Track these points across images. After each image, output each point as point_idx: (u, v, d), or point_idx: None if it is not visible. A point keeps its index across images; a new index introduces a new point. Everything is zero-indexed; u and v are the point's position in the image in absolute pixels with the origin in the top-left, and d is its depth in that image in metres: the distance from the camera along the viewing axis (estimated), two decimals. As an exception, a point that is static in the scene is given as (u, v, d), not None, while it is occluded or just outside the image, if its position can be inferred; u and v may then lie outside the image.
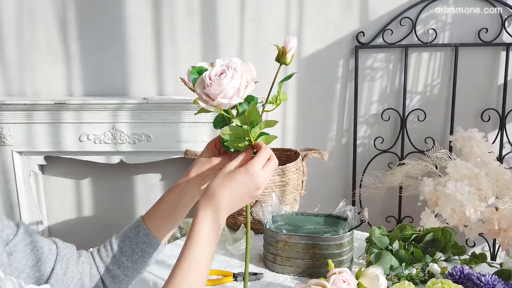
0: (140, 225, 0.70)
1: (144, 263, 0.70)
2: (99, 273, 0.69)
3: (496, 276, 0.75)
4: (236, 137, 0.62)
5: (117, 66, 1.65)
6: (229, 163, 0.62)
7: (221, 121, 0.66)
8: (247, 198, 0.62)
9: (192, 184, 0.68)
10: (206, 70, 0.62)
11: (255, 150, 0.63)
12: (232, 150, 0.66)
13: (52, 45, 1.64)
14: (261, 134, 0.64)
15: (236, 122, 0.61)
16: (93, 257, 0.71)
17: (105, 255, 0.70)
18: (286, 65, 0.68)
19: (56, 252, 0.66)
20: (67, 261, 0.66)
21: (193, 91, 0.63)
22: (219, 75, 0.59)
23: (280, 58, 0.67)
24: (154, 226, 0.70)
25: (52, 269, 0.64)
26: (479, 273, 0.77)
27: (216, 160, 0.67)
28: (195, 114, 0.66)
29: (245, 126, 0.61)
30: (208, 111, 0.60)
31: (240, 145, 0.63)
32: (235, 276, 0.90)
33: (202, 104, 0.59)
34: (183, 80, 0.64)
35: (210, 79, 0.58)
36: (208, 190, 0.61)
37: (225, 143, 0.65)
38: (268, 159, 0.63)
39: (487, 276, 0.75)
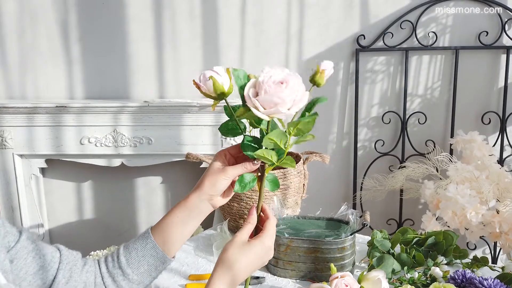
0: (148, 237, 0.69)
1: (150, 276, 0.70)
2: (104, 283, 0.68)
3: (498, 280, 0.75)
4: (271, 147, 0.61)
5: (118, 69, 1.65)
6: (243, 231, 0.64)
7: (230, 129, 0.64)
8: (260, 265, 0.65)
9: (206, 196, 0.67)
10: (248, 75, 0.60)
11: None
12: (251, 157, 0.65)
13: (53, 48, 1.64)
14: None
15: (272, 134, 0.59)
16: (99, 266, 0.70)
17: (111, 266, 0.69)
18: (319, 86, 0.66)
19: (59, 260, 0.65)
20: (70, 270, 0.66)
21: (208, 96, 0.62)
22: (279, 83, 0.57)
23: (316, 78, 0.65)
24: (163, 240, 0.69)
25: (54, 277, 0.64)
26: (481, 277, 0.77)
27: (231, 170, 0.66)
28: (235, 118, 0.62)
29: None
30: (250, 117, 0.59)
31: (269, 157, 0.62)
32: None
33: (254, 111, 0.57)
34: (196, 83, 0.62)
35: (268, 86, 0.56)
36: (224, 260, 0.62)
37: (252, 153, 0.62)
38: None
39: (489, 280, 0.75)
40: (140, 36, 1.63)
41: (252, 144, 0.63)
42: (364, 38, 1.58)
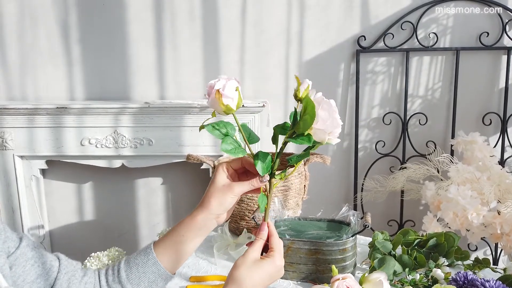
0: (150, 253, 0.68)
1: None
2: None
3: (501, 282, 0.75)
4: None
5: (118, 70, 1.65)
6: (254, 248, 0.63)
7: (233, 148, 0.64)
8: (270, 283, 0.64)
9: (213, 216, 0.66)
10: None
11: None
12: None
13: (53, 49, 1.64)
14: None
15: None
16: (99, 279, 0.69)
17: (111, 279, 0.68)
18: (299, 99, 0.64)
19: (58, 270, 0.65)
20: (69, 280, 0.65)
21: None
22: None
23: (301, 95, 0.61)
24: (165, 257, 0.68)
25: (52, 286, 0.63)
26: (483, 278, 0.76)
27: (238, 187, 0.65)
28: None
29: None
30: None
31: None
32: None
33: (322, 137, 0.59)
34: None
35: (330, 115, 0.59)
36: (235, 277, 0.61)
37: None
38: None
39: (491, 281, 0.75)
40: (141, 36, 1.63)
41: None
42: (365, 39, 1.58)
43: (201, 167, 1.65)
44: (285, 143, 0.62)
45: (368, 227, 0.92)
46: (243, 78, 1.64)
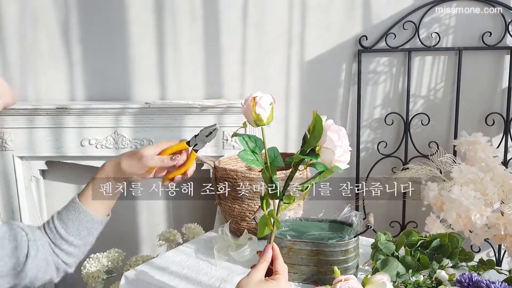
0: (79, 207, 0.75)
1: (93, 236, 0.77)
2: (54, 252, 0.75)
3: (506, 284, 0.73)
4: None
5: (119, 70, 1.65)
6: (258, 269, 0.65)
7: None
8: None
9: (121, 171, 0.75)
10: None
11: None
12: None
13: (54, 50, 1.64)
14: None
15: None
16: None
17: (53, 237, 0.75)
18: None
19: (27, 238, 0.72)
20: (36, 243, 0.73)
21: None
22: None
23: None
24: (93, 208, 0.76)
25: (27, 254, 0.70)
26: (488, 280, 0.75)
27: (149, 160, 0.75)
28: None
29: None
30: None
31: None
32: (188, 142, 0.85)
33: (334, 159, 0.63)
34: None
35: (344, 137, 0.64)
36: None
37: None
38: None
39: (496, 283, 0.73)
40: (141, 37, 1.62)
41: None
42: (367, 39, 1.57)
43: (202, 168, 1.64)
44: (295, 167, 0.67)
45: (370, 227, 0.91)
46: (244, 79, 1.63)
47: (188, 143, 0.81)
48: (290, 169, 0.69)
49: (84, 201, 0.76)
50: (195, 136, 0.81)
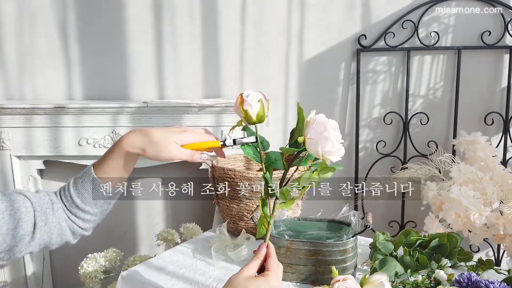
0: (95, 180, 0.74)
1: (109, 205, 0.78)
2: (70, 218, 0.75)
3: (505, 284, 0.73)
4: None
5: (117, 69, 1.64)
6: (250, 266, 0.65)
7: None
8: None
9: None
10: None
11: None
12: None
13: (52, 49, 1.63)
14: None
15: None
16: (63, 202, 0.76)
17: (68, 205, 0.74)
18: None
19: (33, 209, 0.71)
20: (45, 213, 0.72)
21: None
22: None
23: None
24: (109, 180, 0.74)
25: (34, 224, 0.70)
26: (487, 280, 0.75)
27: (177, 151, 0.71)
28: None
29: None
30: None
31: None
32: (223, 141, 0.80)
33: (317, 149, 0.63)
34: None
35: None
36: None
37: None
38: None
39: (495, 283, 0.73)
40: (140, 36, 1.61)
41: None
42: (366, 38, 1.57)
43: (200, 167, 1.64)
44: (288, 164, 0.68)
45: (369, 227, 0.90)
46: (243, 78, 1.63)
47: (223, 143, 0.76)
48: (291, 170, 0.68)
49: (99, 172, 0.75)
50: (234, 140, 0.76)
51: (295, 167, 0.69)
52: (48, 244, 0.73)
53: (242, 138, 0.73)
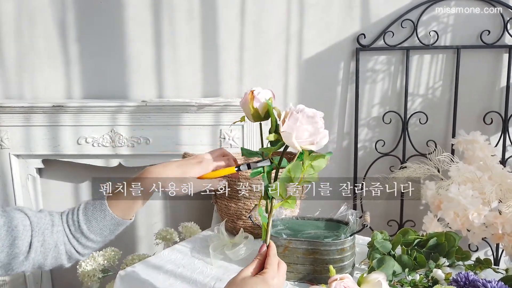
0: (106, 209, 0.73)
1: (114, 235, 0.76)
2: (70, 243, 0.74)
3: (503, 283, 0.73)
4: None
5: (116, 68, 1.64)
6: (248, 266, 0.64)
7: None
8: None
9: (170, 180, 0.73)
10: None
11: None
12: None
13: (51, 48, 1.63)
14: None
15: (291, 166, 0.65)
16: (66, 224, 0.74)
17: (73, 230, 0.73)
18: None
19: (31, 228, 0.70)
20: (43, 233, 0.71)
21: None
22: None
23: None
24: (120, 212, 0.73)
25: (30, 243, 0.69)
26: (484, 279, 0.75)
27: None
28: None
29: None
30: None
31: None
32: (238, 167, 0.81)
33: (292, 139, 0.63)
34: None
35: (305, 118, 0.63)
36: None
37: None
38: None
39: (493, 282, 0.73)
40: (139, 36, 1.61)
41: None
42: (365, 37, 1.57)
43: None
44: (281, 157, 0.68)
45: (366, 226, 0.90)
46: (242, 77, 1.63)
47: (238, 169, 0.78)
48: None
49: (112, 202, 0.74)
50: (248, 164, 0.76)
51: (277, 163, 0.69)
52: (42, 265, 0.73)
53: (257, 162, 0.73)
